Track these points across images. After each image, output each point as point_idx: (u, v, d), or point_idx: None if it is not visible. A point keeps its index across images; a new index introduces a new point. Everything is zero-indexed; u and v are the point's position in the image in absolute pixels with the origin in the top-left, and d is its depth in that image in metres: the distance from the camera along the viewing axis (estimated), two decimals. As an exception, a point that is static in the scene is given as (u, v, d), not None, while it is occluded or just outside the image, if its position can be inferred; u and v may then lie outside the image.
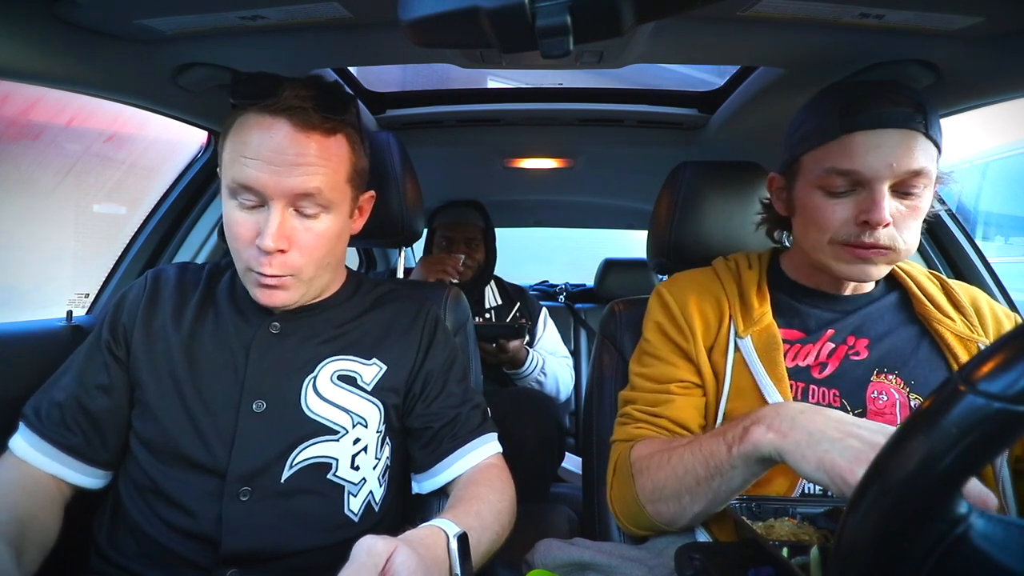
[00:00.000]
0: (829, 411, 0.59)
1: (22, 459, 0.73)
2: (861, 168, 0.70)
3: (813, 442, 0.56)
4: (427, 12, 0.40)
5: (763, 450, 0.59)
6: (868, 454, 0.51)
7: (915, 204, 0.71)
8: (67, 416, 0.75)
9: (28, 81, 0.85)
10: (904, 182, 0.70)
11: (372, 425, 0.80)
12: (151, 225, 1.30)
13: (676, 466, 0.69)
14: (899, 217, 0.71)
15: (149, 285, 0.83)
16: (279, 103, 0.70)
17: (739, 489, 0.65)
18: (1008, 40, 0.73)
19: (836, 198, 0.73)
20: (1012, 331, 0.30)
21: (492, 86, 1.54)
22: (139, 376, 0.77)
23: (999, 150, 4.22)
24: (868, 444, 0.53)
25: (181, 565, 0.71)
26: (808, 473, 0.55)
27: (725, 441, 0.63)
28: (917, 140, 0.69)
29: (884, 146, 0.69)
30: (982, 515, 0.30)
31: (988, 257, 1.21)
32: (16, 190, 1.57)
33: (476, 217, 1.88)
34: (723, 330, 0.81)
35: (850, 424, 0.57)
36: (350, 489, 0.77)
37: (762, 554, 0.55)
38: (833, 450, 0.54)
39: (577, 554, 0.72)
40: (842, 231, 0.72)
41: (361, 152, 0.80)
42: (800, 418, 0.59)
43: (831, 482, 0.53)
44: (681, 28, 0.81)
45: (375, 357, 0.82)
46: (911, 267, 0.85)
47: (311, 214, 0.73)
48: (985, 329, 0.77)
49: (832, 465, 0.53)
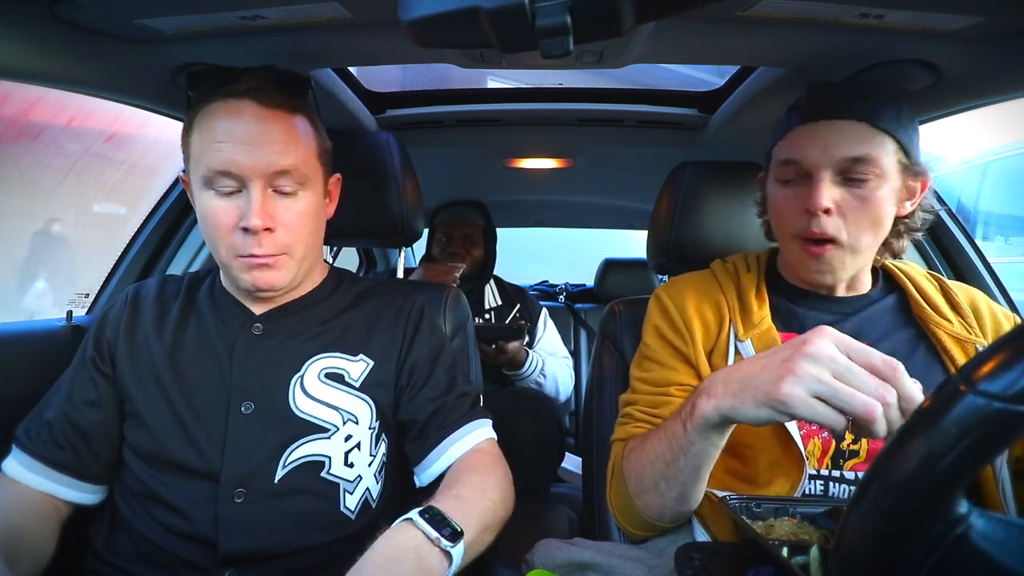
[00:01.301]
0: (752, 356, 0.61)
1: (14, 479, 0.74)
2: (800, 156, 0.74)
3: (744, 387, 0.57)
4: (427, 12, 0.40)
5: (711, 417, 0.60)
6: (786, 366, 0.52)
7: (864, 194, 0.72)
8: (56, 433, 0.76)
9: (28, 81, 0.85)
10: (848, 170, 0.72)
11: (364, 422, 0.80)
12: (151, 225, 1.30)
13: (649, 453, 0.69)
14: (846, 206, 0.72)
15: (130, 300, 0.84)
16: (241, 87, 0.73)
17: (704, 466, 0.65)
18: (1008, 40, 0.73)
19: (788, 187, 0.77)
20: (1012, 331, 0.30)
21: (492, 86, 1.54)
22: (126, 388, 0.78)
23: (999, 150, 4.22)
24: (785, 357, 0.54)
25: (179, 567, 0.72)
26: (753, 417, 0.56)
27: (680, 419, 0.64)
28: (859, 129, 0.72)
29: (821, 134, 0.73)
30: (982, 515, 0.30)
31: (988, 257, 1.21)
32: (16, 190, 1.57)
33: (476, 215, 1.89)
34: (723, 333, 0.81)
35: (770, 354, 0.57)
36: (345, 487, 0.77)
37: (762, 554, 0.55)
38: (761, 382, 0.55)
39: (577, 554, 0.72)
40: (795, 223, 0.76)
41: (323, 133, 0.82)
42: (729, 374, 0.60)
43: (773, 411, 0.53)
44: (681, 28, 0.81)
45: (362, 353, 0.82)
46: (910, 268, 0.85)
47: (289, 191, 0.75)
48: (984, 330, 0.77)
49: (765, 394, 0.54)
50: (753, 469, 0.74)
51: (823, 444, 0.73)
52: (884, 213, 0.74)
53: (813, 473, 0.73)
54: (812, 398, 0.51)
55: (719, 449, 0.65)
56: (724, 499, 0.64)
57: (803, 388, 0.51)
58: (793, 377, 0.51)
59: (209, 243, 0.77)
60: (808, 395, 0.51)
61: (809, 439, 0.73)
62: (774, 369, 0.54)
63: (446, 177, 1.92)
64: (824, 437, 0.74)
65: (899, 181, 0.74)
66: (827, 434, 0.74)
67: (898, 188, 0.74)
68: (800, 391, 0.51)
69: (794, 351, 0.53)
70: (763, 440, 0.74)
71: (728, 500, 0.64)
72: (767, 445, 0.73)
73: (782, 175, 0.78)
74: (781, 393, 0.51)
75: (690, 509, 0.70)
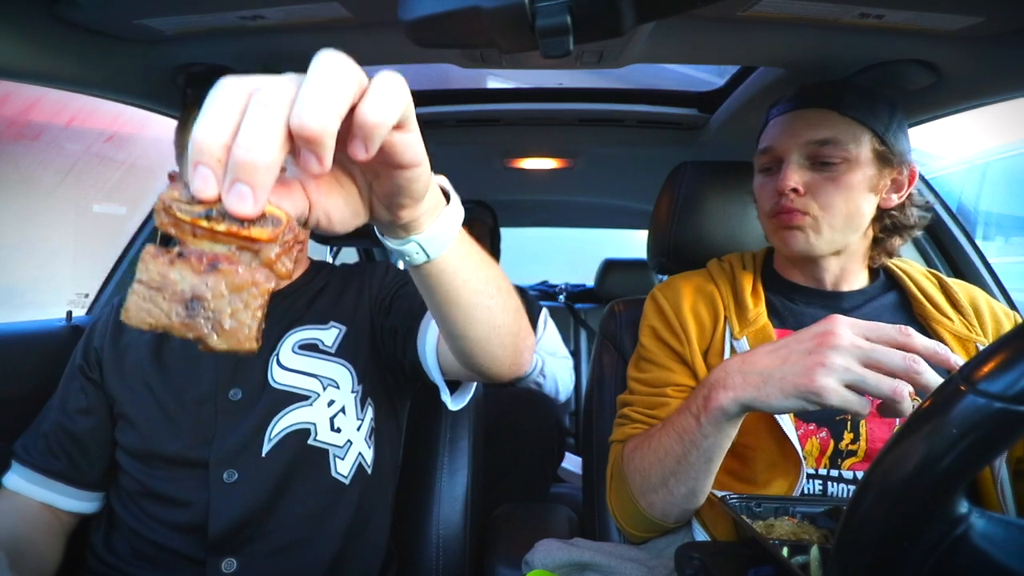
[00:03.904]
0: (762, 347, 0.61)
1: (15, 492, 0.77)
2: (771, 143, 0.80)
3: (767, 379, 0.58)
4: (427, 12, 0.41)
5: (729, 409, 0.61)
6: (815, 358, 0.54)
7: (833, 176, 0.75)
8: (52, 444, 0.78)
9: (28, 81, 0.85)
10: (816, 153, 0.75)
11: (345, 386, 0.80)
12: (151, 225, 1.30)
13: (656, 450, 0.70)
14: (815, 185, 0.76)
15: (116, 309, 0.86)
16: None
17: (715, 458, 0.66)
18: (1008, 40, 0.73)
19: (766, 176, 0.82)
20: (1012, 331, 0.30)
21: (492, 86, 1.54)
22: (115, 392, 0.79)
23: (999, 150, 4.21)
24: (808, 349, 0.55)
25: (176, 561, 0.72)
26: (781, 406, 0.57)
27: (691, 414, 0.65)
28: (826, 115, 0.76)
29: (788, 122, 0.79)
30: (982, 515, 0.30)
31: (988, 257, 1.21)
32: (16, 190, 1.57)
33: (486, 215, 1.90)
34: (719, 332, 0.81)
35: (785, 345, 0.58)
36: (335, 452, 0.78)
37: (762, 554, 0.55)
38: (787, 374, 0.56)
39: (577, 554, 0.72)
40: (768, 203, 0.80)
41: None
42: (745, 366, 0.61)
43: (805, 400, 0.54)
44: (681, 28, 0.81)
45: (331, 320, 0.83)
46: (909, 266, 0.85)
47: None
48: (984, 328, 0.77)
49: (795, 387, 0.55)
50: (752, 469, 0.74)
51: (820, 444, 0.73)
52: (859, 197, 0.75)
53: (812, 473, 0.73)
54: (843, 387, 0.52)
55: (731, 440, 0.65)
56: (724, 499, 0.64)
57: (836, 379, 0.52)
58: (825, 369, 0.53)
59: None
60: (840, 385, 0.52)
61: (806, 439, 0.73)
62: (799, 361, 0.55)
63: (446, 177, 1.91)
64: (821, 437, 0.74)
65: (875, 169, 0.76)
66: (824, 434, 0.74)
67: (873, 175, 0.76)
68: (833, 382, 0.52)
69: (818, 343, 0.54)
70: (761, 440, 0.74)
71: (728, 500, 0.64)
72: (765, 445, 0.73)
73: (760, 164, 0.83)
74: (816, 385, 0.53)
75: (696, 506, 0.70)
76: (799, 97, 0.79)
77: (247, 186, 0.27)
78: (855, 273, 0.82)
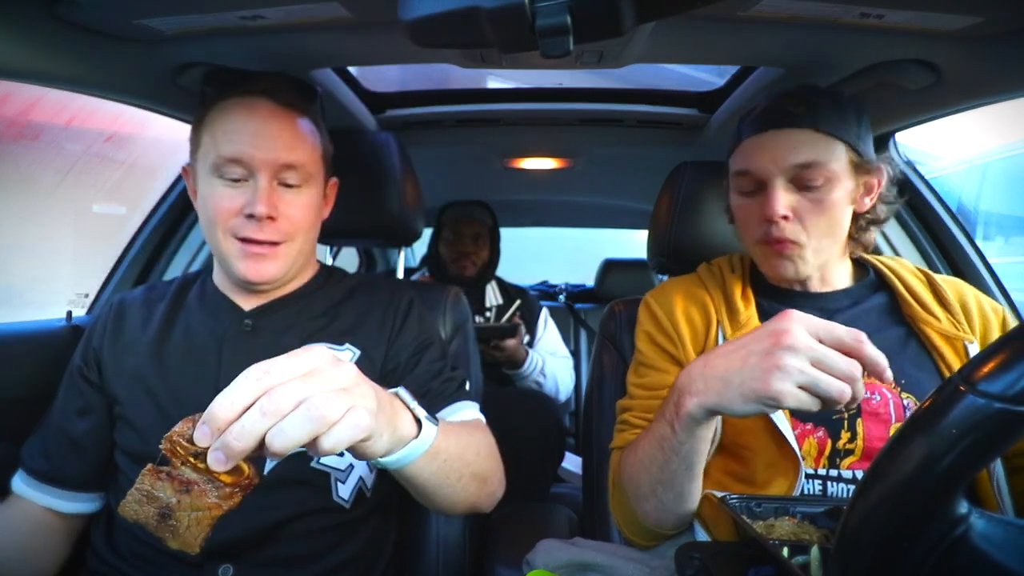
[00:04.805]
0: (722, 348, 0.61)
1: (20, 496, 0.78)
2: (751, 167, 0.78)
3: (727, 384, 0.57)
4: (427, 12, 0.41)
5: (697, 415, 0.60)
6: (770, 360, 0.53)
7: (817, 197, 0.75)
8: (50, 447, 0.79)
9: (28, 81, 0.85)
10: (800, 177, 0.75)
11: None
12: (151, 225, 1.30)
13: (642, 459, 0.69)
14: (802, 211, 0.76)
15: (115, 308, 0.86)
16: (258, 86, 0.78)
17: (697, 462, 0.65)
18: (1008, 40, 0.73)
19: (747, 198, 0.81)
20: (1012, 331, 0.30)
21: (492, 86, 1.54)
22: (114, 392, 0.79)
23: (999, 150, 4.21)
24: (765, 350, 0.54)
25: (174, 565, 0.72)
26: (743, 411, 0.56)
27: (667, 421, 0.64)
28: (802, 136, 0.75)
29: (767, 145, 0.77)
30: (982, 515, 0.30)
31: (988, 257, 1.21)
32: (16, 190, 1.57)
33: (484, 215, 1.91)
34: (711, 334, 0.82)
35: (744, 345, 0.57)
36: (337, 476, 0.78)
37: (762, 554, 0.55)
38: (745, 379, 0.55)
39: (577, 554, 0.72)
40: (756, 230, 0.79)
41: (327, 138, 0.87)
42: (707, 370, 0.60)
43: (763, 405, 0.54)
44: (681, 28, 0.81)
45: (348, 342, 0.83)
46: (899, 265, 0.85)
47: (294, 184, 0.78)
48: (971, 325, 0.78)
49: (753, 391, 0.54)
50: (751, 470, 0.74)
51: (819, 444, 0.73)
52: (840, 214, 0.77)
53: (811, 472, 0.73)
54: (798, 389, 0.52)
55: (707, 443, 0.65)
56: (724, 499, 0.64)
57: (791, 382, 0.52)
58: (780, 373, 0.52)
59: (208, 229, 0.79)
60: (795, 388, 0.52)
61: (804, 439, 0.73)
62: (757, 364, 0.54)
63: (446, 177, 1.92)
64: (819, 436, 0.74)
65: (852, 181, 0.77)
66: (822, 433, 0.74)
67: (852, 188, 0.77)
68: (789, 386, 0.52)
69: (773, 343, 0.54)
70: (759, 441, 0.74)
71: (728, 500, 0.64)
72: (763, 446, 0.74)
73: (740, 186, 0.81)
74: (772, 390, 0.53)
75: (689, 511, 0.70)
76: (772, 114, 0.77)
77: (225, 455, 0.40)
78: (836, 270, 0.83)
